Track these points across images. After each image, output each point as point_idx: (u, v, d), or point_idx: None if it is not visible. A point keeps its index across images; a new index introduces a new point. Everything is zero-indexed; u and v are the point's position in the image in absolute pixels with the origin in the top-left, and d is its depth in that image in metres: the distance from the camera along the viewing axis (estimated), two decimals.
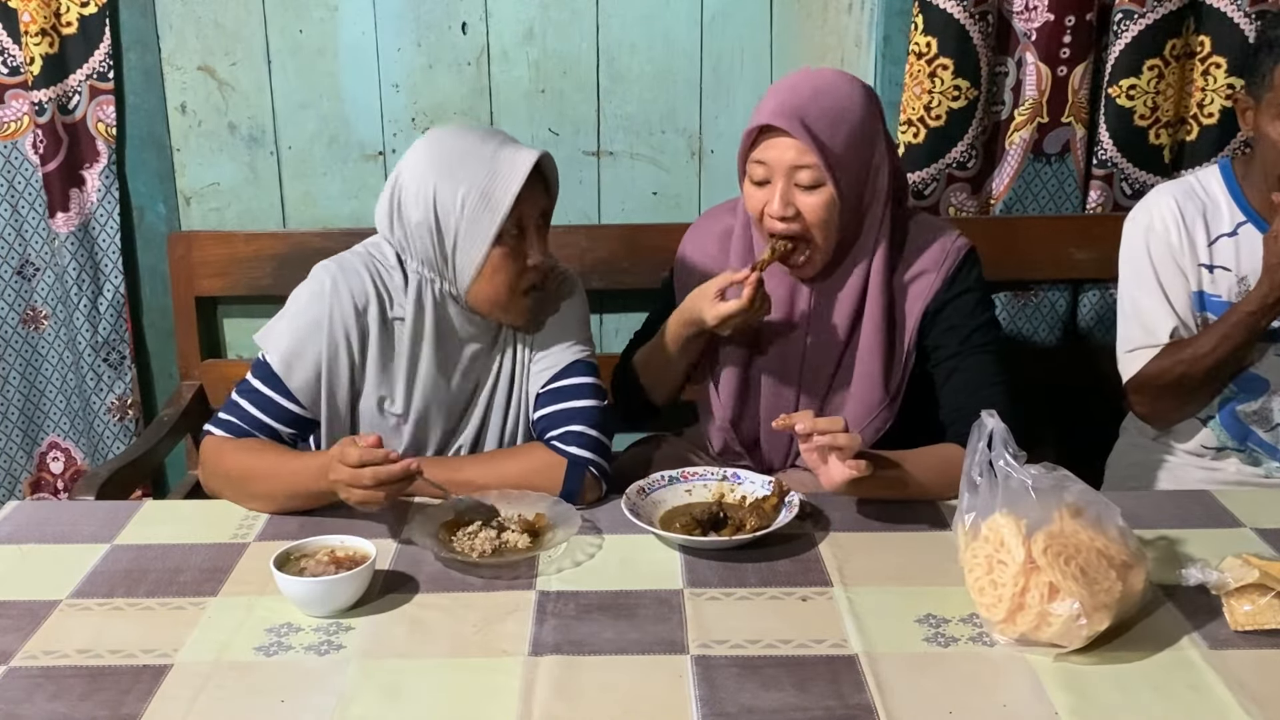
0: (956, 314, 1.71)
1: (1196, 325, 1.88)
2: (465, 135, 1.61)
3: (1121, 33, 2.27)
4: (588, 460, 1.62)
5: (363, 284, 1.64)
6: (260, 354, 1.66)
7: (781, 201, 1.63)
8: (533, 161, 1.56)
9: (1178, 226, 1.88)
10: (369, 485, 1.43)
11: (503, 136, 1.62)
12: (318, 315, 1.63)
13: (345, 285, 1.63)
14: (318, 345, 1.63)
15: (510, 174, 1.55)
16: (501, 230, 1.56)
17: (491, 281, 1.60)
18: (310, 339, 1.63)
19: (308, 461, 1.57)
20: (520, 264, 1.61)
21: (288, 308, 1.66)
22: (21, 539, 1.54)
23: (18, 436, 2.55)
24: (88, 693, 1.19)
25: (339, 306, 1.63)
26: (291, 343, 1.63)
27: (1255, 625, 1.27)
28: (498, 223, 1.55)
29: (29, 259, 2.45)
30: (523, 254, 1.61)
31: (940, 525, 1.54)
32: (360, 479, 1.43)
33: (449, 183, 1.56)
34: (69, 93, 2.34)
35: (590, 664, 1.24)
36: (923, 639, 1.28)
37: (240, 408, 1.65)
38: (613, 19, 2.38)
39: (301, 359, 1.63)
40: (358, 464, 1.42)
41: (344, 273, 1.64)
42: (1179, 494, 1.77)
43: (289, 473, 1.57)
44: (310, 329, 1.63)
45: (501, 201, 1.55)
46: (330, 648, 1.27)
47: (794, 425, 1.47)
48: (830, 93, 1.63)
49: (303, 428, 1.68)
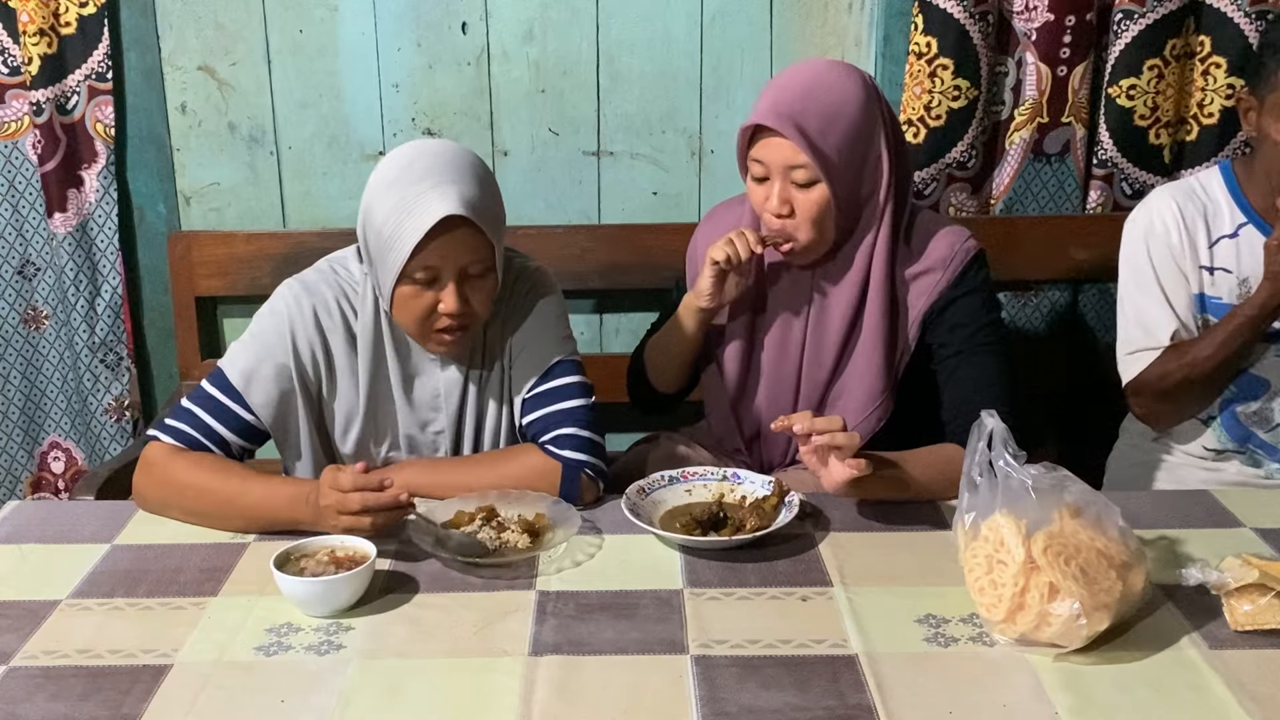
0: (961, 313, 1.71)
1: (1197, 327, 1.88)
2: (412, 161, 1.54)
3: (1121, 33, 2.27)
4: (582, 463, 1.61)
5: (324, 299, 1.63)
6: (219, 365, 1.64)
7: (778, 199, 1.65)
8: (435, 219, 1.48)
9: (1178, 228, 1.88)
10: (356, 511, 1.41)
11: (440, 175, 1.51)
12: (280, 329, 1.62)
13: (308, 300, 1.63)
14: (280, 359, 1.61)
15: (420, 221, 1.49)
16: (404, 272, 1.52)
17: (401, 313, 1.57)
18: (272, 354, 1.61)
19: (278, 489, 1.53)
20: (428, 306, 1.55)
21: (251, 325, 1.65)
22: (21, 539, 1.54)
23: (18, 436, 2.55)
24: (88, 693, 1.19)
25: (301, 321, 1.62)
26: (252, 358, 1.62)
27: (1255, 625, 1.27)
28: (400, 264, 1.51)
29: (29, 259, 2.46)
30: (433, 299, 1.54)
31: (940, 525, 1.54)
32: (348, 504, 1.41)
33: (378, 205, 1.53)
34: (67, 93, 2.34)
35: (590, 664, 1.24)
36: (923, 639, 1.28)
37: (193, 415, 1.61)
38: (613, 19, 2.38)
39: (261, 373, 1.61)
40: (350, 489, 1.41)
41: (306, 289, 1.64)
42: (1179, 494, 1.77)
43: (257, 498, 1.52)
44: (273, 343, 1.62)
45: (405, 244, 1.50)
46: (330, 648, 1.27)
47: (792, 426, 1.47)
48: (825, 90, 1.63)
49: (253, 439, 1.65)
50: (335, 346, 1.64)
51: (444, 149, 1.56)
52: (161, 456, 1.59)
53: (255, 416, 1.62)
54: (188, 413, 1.62)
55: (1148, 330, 1.88)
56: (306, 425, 1.66)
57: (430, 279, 1.53)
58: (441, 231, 1.50)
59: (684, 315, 1.78)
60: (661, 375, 1.89)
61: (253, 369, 1.61)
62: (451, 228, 1.50)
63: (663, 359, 1.87)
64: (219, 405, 1.61)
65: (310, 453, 1.67)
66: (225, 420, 1.61)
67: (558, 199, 2.49)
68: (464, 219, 1.50)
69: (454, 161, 1.54)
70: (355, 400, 1.66)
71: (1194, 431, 1.94)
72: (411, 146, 1.58)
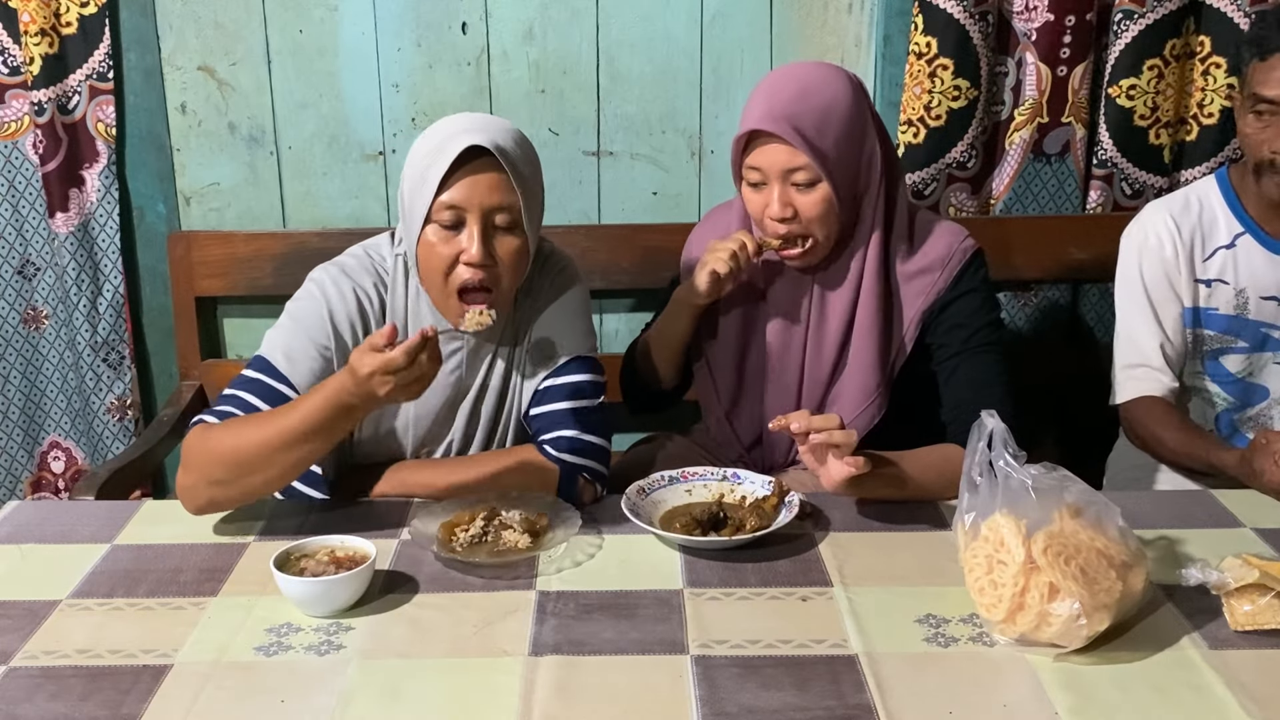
0: (960, 313, 1.71)
1: (1186, 343, 1.90)
2: (457, 119, 1.57)
3: (1121, 33, 2.27)
4: (580, 466, 1.61)
5: (361, 282, 1.63)
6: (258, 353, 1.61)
7: (780, 204, 1.65)
8: (461, 146, 1.50)
9: (1173, 242, 1.89)
10: (404, 365, 1.36)
11: (472, 123, 1.54)
12: (319, 310, 1.60)
13: (346, 282, 1.62)
14: (321, 339, 1.59)
15: (446, 156, 1.51)
16: (431, 210, 1.52)
17: (426, 266, 1.56)
18: (312, 333, 1.59)
19: (312, 398, 1.45)
20: (451, 255, 1.54)
21: (287, 308, 1.64)
22: (21, 539, 1.54)
23: (19, 436, 2.55)
24: (88, 693, 1.19)
25: (341, 301, 1.61)
26: (293, 339, 1.59)
27: (1255, 625, 1.27)
28: (427, 200, 1.51)
29: (29, 259, 2.46)
30: (456, 244, 1.53)
31: (940, 525, 1.54)
32: (394, 361, 1.35)
33: (414, 154, 1.56)
34: (68, 93, 2.34)
35: (590, 664, 1.24)
36: (923, 639, 1.28)
37: (237, 399, 1.55)
38: (613, 19, 2.38)
39: (306, 352, 1.58)
40: (384, 344, 1.37)
41: (344, 272, 1.64)
42: (1179, 494, 1.77)
43: (299, 416, 1.44)
44: (312, 324, 1.60)
45: (430, 181, 1.51)
46: (330, 648, 1.27)
47: (789, 426, 1.47)
48: (817, 90, 1.63)
49: None
50: (373, 328, 1.62)
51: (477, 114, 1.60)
52: (197, 439, 1.51)
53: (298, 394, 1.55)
54: (231, 397, 1.56)
55: (1137, 347, 1.91)
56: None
57: (455, 221, 1.53)
58: (468, 164, 1.50)
59: (677, 310, 1.79)
60: (659, 370, 1.89)
61: (296, 349, 1.58)
62: (479, 167, 1.51)
63: (655, 353, 1.87)
64: (264, 386, 1.56)
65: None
66: (271, 400, 1.54)
67: (558, 199, 2.48)
68: (493, 160, 1.51)
69: (494, 119, 1.59)
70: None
71: None
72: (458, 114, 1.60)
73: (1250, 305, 1.88)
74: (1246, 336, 1.90)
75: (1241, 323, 1.89)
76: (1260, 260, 1.86)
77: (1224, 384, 1.94)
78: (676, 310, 1.80)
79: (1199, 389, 1.97)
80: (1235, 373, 1.93)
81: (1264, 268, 1.86)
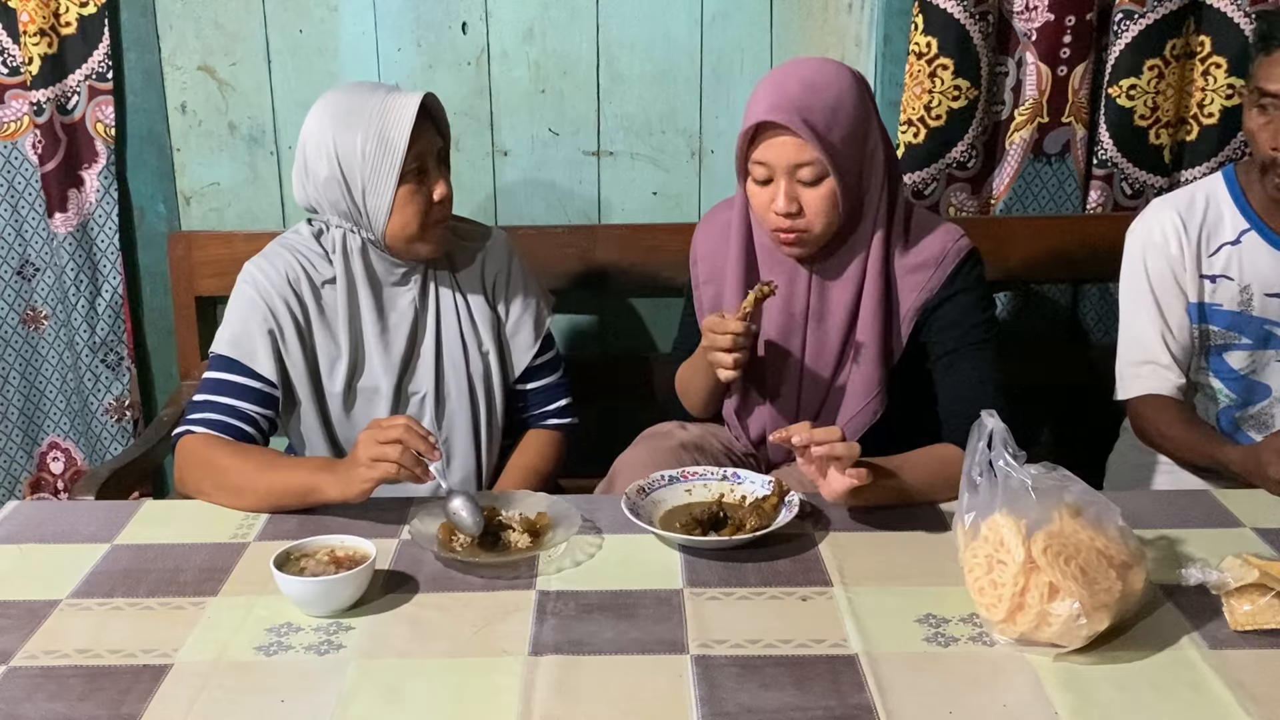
0: (955, 311, 1.71)
1: (1192, 339, 1.90)
2: (352, 91, 1.71)
3: (1121, 33, 2.27)
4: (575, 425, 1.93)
5: (285, 261, 1.75)
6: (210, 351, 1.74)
7: (786, 199, 1.64)
8: (418, 102, 1.67)
9: (1178, 238, 1.88)
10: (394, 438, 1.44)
11: (387, 88, 1.72)
12: (248, 293, 1.73)
13: (270, 266, 1.75)
14: (258, 317, 1.72)
15: (400, 116, 1.66)
16: (404, 169, 1.66)
17: (403, 215, 1.70)
18: (251, 318, 1.72)
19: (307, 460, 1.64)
20: (426, 197, 1.71)
21: (226, 309, 1.76)
22: (21, 539, 1.54)
23: (18, 436, 2.55)
24: (88, 693, 1.19)
25: (271, 283, 1.73)
26: (238, 329, 1.72)
27: (1255, 625, 1.27)
28: (399, 162, 1.65)
29: (29, 259, 2.46)
30: (427, 188, 1.71)
31: (940, 526, 1.54)
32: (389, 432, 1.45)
33: (346, 135, 1.66)
34: (68, 93, 2.34)
35: (590, 664, 1.24)
36: (923, 639, 1.28)
37: (211, 403, 1.69)
38: (613, 19, 2.38)
39: (249, 332, 1.71)
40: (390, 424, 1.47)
41: (265, 259, 1.76)
42: (1179, 494, 1.77)
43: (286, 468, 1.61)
44: (245, 307, 1.73)
45: (398, 142, 1.65)
46: (330, 648, 1.27)
47: (790, 438, 1.47)
48: (823, 84, 1.63)
49: (273, 408, 1.73)
50: (308, 300, 1.75)
51: (358, 82, 1.78)
52: (199, 446, 1.65)
53: (263, 381, 1.71)
54: (204, 403, 1.69)
55: (1143, 344, 1.91)
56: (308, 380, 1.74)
57: (421, 168, 1.70)
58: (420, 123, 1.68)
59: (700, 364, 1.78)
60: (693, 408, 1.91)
61: (243, 337, 1.71)
62: (422, 123, 1.69)
63: (685, 399, 1.91)
64: (229, 384, 1.70)
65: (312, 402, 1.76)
66: (240, 395, 1.70)
67: (558, 199, 2.49)
68: (426, 111, 1.70)
69: (375, 84, 1.77)
70: (338, 343, 1.76)
71: None
72: (329, 94, 1.73)
73: (1254, 302, 1.88)
74: (1250, 333, 1.90)
75: (1245, 319, 1.89)
76: (1265, 257, 1.86)
77: (1226, 380, 1.94)
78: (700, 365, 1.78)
79: (1202, 385, 1.97)
80: (1238, 369, 1.92)
81: (1269, 265, 1.86)
